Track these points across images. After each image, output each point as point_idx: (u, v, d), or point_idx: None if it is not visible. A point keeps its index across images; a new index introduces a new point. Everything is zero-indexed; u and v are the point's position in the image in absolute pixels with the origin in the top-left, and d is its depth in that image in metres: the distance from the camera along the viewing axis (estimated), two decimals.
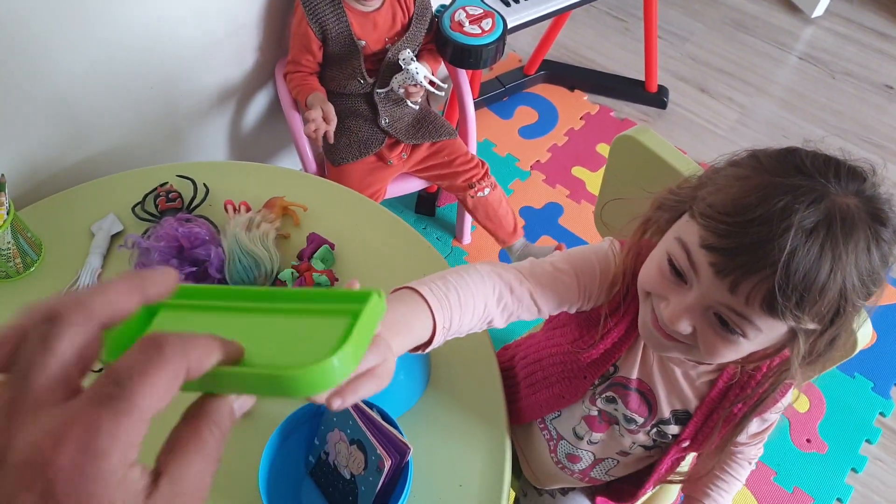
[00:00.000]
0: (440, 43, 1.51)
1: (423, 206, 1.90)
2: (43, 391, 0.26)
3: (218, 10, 1.40)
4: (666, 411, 0.83)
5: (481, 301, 0.70)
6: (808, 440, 1.62)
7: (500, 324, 0.74)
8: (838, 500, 1.55)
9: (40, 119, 1.24)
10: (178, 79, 1.42)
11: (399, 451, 0.79)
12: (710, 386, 0.80)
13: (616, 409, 0.86)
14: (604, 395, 0.86)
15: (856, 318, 0.63)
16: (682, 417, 0.83)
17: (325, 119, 1.38)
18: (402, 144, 1.54)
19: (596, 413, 0.89)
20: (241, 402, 0.35)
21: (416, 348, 0.66)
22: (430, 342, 0.65)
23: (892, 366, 1.74)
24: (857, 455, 1.61)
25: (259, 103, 1.65)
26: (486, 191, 1.62)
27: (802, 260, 0.56)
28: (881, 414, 1.67)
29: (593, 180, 2.01)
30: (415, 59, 1.42)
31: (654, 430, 0.86)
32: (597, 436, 0.91)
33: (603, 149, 2.10)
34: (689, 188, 0.68)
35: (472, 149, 1.71)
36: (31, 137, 1.24)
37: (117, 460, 0.25)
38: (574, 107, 2.19)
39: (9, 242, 1.03)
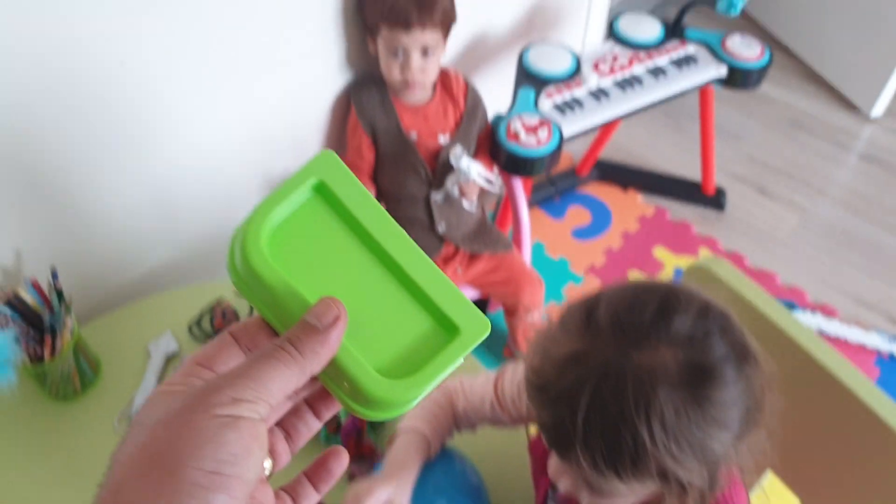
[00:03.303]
0: (495, 150, 1.52)
1: None
2: None
3: (282, 123, 1.44)
4: None
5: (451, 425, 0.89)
6: None
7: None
8: None
9: (103, 237, 1.27)
10: (238, 195, 1.45)
11: None
12: None
13: None
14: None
15: (713, 473, 0.59)
16: None
17: None
18: (458, 258, 1.53)
19: None
20: None
21: None
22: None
23: None
24: None
25: None
26: (536, 314, 1.60)
27: (600, 434, 0.56)
28: None
29: None
30: (465, 154, 1.42)
31: None
32: None
33: (660, 252, 2.06)
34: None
35: (527, 254, 1.70)
36: (93, 254, 1.27)
37: None
38: (628, 207, 2.17)
39: (70, 364, 1.03)
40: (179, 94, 1.22)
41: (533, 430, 0.89)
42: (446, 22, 1.37)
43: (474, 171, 1.40)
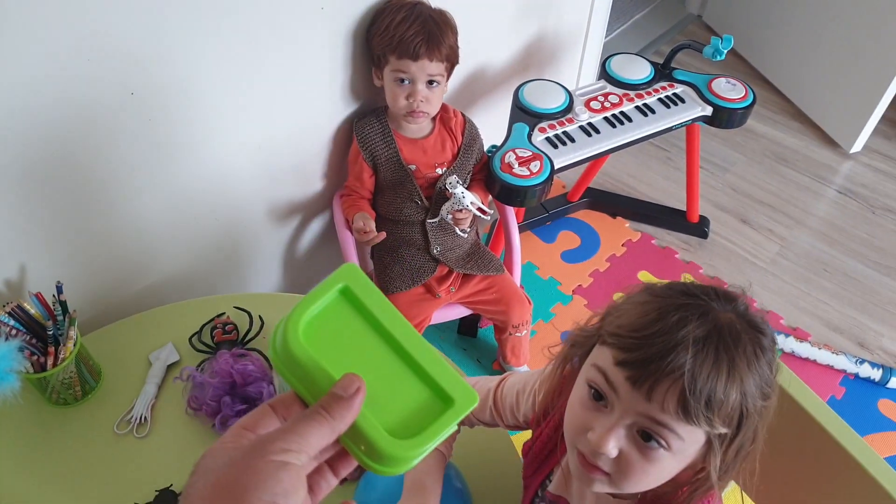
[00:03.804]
0: (490, 180, 1.58)
1: (465, 327, 1.92)
2: None
3: (287, 151, 1.49)
4: None
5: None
6: None
7: None
8: None
9: (108, 252, 1.31)
10: (243, 208, 1.50)
11: None
12: None
13: None
14: None
15: (757, 427, 0.69)
16: None
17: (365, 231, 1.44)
18: (451, 278, 1.58)
19: None
20: None
21: None
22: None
23: None
24: None
25: (314, 230, 1.72)
26: (524, 332, 1.65)
27: (702, 363, 0.64)
28: None
29: None
30: (460, 183, 1.47)
31: None
32: None
33: (644, 276, 2.12)
34: (594, 324, 0.78)
35: (517, 277, 1.75)
36: (98, 268, 1.31)
37: None
38: (616, 233, 2.23)
39: (72, 372, 1.07)
40: (190, 123, 1.27)
41: (528, 434, 0.95)
42: (451, 58, 1.43)
43: (468, 199, 1.45)
